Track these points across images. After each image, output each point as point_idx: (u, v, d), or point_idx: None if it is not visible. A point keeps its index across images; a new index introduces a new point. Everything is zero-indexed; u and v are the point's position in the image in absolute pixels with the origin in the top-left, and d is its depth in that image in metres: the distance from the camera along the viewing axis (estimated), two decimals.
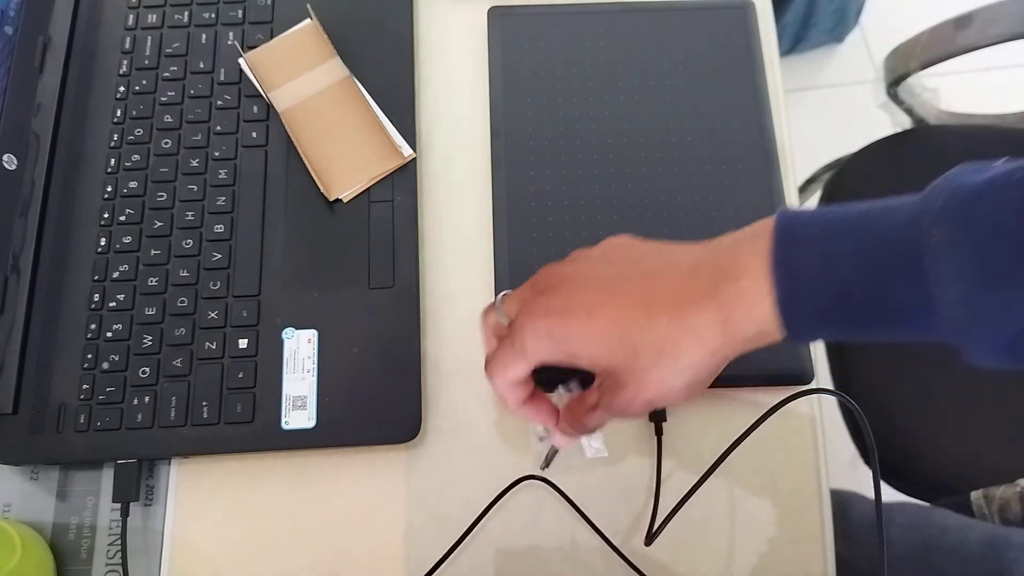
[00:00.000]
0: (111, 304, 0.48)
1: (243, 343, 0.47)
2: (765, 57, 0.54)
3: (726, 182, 0.50)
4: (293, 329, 0.47)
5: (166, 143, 0.52)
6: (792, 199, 0.51)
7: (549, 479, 0.46)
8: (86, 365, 0.46)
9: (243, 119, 0.52)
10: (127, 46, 0.54)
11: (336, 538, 0.45)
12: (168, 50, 0.54)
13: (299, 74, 0.53)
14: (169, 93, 0.53)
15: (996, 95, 1.01)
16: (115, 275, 0.48)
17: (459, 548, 0.45)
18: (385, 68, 0.54)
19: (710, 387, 0.47)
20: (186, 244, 0.49)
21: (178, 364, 0.46)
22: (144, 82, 0.53)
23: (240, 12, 0.55)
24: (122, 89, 0.53)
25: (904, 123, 0.82)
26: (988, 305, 0.26)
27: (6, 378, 0.46)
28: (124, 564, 0.44)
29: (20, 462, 0.46)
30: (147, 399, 0.46)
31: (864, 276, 0.28)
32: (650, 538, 0.42)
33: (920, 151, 0.78)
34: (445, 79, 0.55)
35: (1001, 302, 0.26)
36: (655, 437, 0.46)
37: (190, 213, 0.50)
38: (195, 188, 0.50)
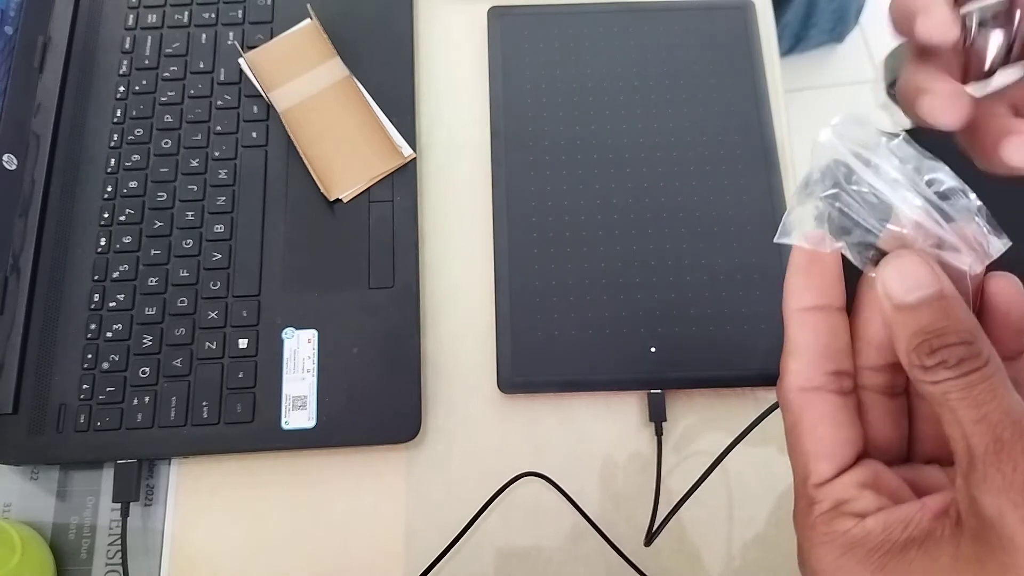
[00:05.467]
0: (111, 304, 0.48)
1: (243, 343, 0.47)
2: (765, 57, 0.54)
3: (725, 181, 0.50)
4: (293, 329, 0.47)
5: (166, 143, 0.52)
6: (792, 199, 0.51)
7: (549, 477, 0.46)
8: (86, 365, 0.46)
9: (243, 119, 0.52)
10: (127, 46, 0.54)
11: (336, 538, 0.45)
12: (168, 50, 0.54)
13: (299, 74, 0.53)
14: (169, 93, 0.53)
15: None
16: (115, 275, 0.48)
17: (459, 547, 0.45)
18: (385, 68, 0.54)
19: (710, 387, 0.48)
20: (186, 244, 0.49)
21: (178, 364, 0.46)
22: (144, 82, 0.53)
23: (240, 12, 0.55)
24: (122, 89, 0.53)
25: (904, 123, 0.82)
26: None
27: (6, 378, 0.46)
28: (124, 564, 0.44)
29: (20, 462, 0.46)
30: (147, 399, 0.46)
31: None
32: (650, 538, 0.42)
33: None
34: (445, 79, 0.55)
35: None
36: (655, 437, 0.46)
37: (190, 213, 0.50)
38: (195, 188, 0.50)
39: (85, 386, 0.46)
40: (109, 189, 0.50)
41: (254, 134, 0.52)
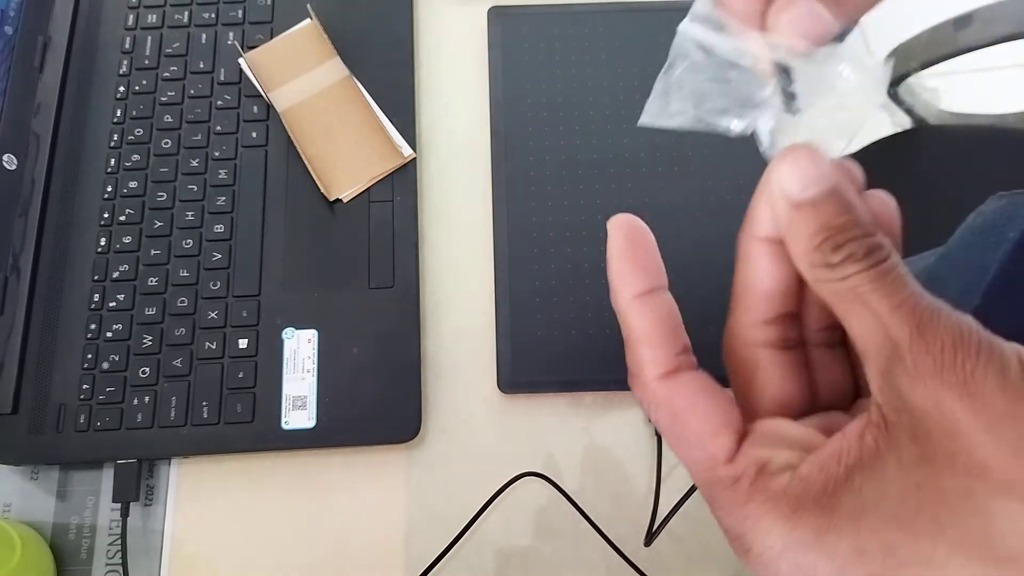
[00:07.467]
0: (111, 304, 0.48)
1: (243, 343, 0.47)
2: None
3: (725, 181, 0.50)
4: (293, 329, 0.47)
5: (166, 143, 0.52)
6: None
7: (549, 477, 0.46)
8: (86, 365, 0.46)
9: (243, 119, 0.52)
10: (127, 46, 0.54)
11: (336, 538, 0.45)
12: (168, 50, 0.54)
13: (299, 74, 0.53)
14: (169, 93, 0.53)
15: (996, 95, 1.01)
16: (115, 275, 0.48)
17: (459, 547, 0.45)
18: (385, 68, 0.54)
19: None
20: (186, 244, 0.49)
21: (178, 364, 0.46)
22: (144, 82, 0.53)
23: (240, 12, 0.55)
24: (122, 89, 0.53)
25: (904, 123, 0.82)
26: None
27: (6, 378, 0.46)
28: (124, 564, 0.44)
29: (20, 462, 0.46)
30: (147, 399, 0.46)
31: None
32: (650, 538, 0.42)
33: (920, 151, 0.78)
34: (445, 79, 0.55)
35: None
36: (655, 437, 0.46)
37: (190, 213, 0.50)
38: (195, 188, 0.50)
39: (85, 386, 0.46)
40: (109, 189, 0.50)
41: (254, 134, 0.52)
